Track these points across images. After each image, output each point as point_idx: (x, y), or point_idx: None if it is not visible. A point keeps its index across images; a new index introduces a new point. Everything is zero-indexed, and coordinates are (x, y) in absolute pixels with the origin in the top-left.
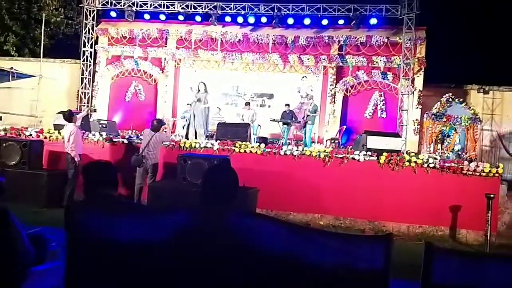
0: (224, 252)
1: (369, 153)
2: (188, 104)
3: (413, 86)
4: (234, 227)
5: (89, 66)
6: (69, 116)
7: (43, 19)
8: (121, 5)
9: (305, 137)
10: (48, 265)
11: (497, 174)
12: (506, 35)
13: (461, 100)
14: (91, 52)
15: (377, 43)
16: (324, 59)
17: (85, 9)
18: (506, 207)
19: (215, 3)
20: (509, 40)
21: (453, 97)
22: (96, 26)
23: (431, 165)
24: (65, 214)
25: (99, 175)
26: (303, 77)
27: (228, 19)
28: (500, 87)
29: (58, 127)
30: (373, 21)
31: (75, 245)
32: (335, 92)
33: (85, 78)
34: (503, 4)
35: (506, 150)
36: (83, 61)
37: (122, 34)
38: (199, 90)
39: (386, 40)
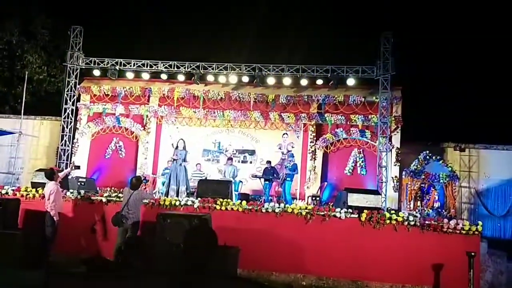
0: None
1: (350, 210)
2: (169, 161)
3: (391, 144)
4: None
5: (70, 123)
6: (50, 174)
7: (26, 76)
8: (104, 64)
9: (285, 194)
10: None
11: (477, 232)
12: (480, 95)
13: (438, 157)
14: (72, 110)
15: (354, 102)
16: (304, 117)
17: (68, 68)
18: (487, 265)
19: (198, 63)
20: (484, 100)
21: (430, 154)
22: (79, 84)
23: (412, 223)
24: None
25: None
26: (284, 134)
27: (210, 78)
28: (476, 145)
29: (36, 185)
30: (350, 81)
31: None
32: (315, 149)
33: (66, 135)
34: (476, 64)
35: (485, 207)
36: (64, 118)
37: (104, 92)
38: (177, 147)
39: (363, 99)
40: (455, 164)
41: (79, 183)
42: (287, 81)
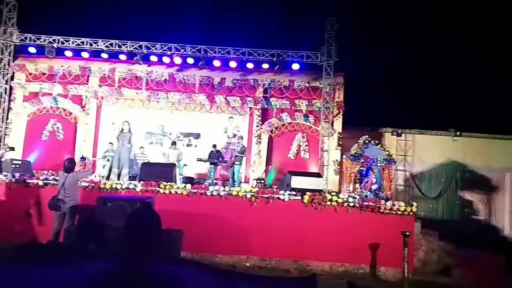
0: None
1: (293, 192)
2: (110, 143)
3: (333, 129)
4: (157, 274)
5: (3, 103)
6: None
7: None
8: (41, 41)
9: (233, 177)
10: None
11: (411, 213)
12: (416, 81)
13: (377, 142)
14: (6, 89)
15: (299, 87)
16: (250, 100)
17: (1, 44)
18: (420, 244)
19: (140, 43)
20: (419, 86)
21: (369, 139)
22: (13, 62)
23: (351, 204)
24: None
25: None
26: (229, 117)
27: (154, 58)
28: (412, 130)
29: None
30: (295, 66)
31: None
32: (260, 133)
33: None
34: (415, 52)
35: (419, 189)
36: None
37: (41, 71)
38: (122, 130)
39: (307, 84)
40: (392, 148)
41: (13, 166)
42: (233, 64)
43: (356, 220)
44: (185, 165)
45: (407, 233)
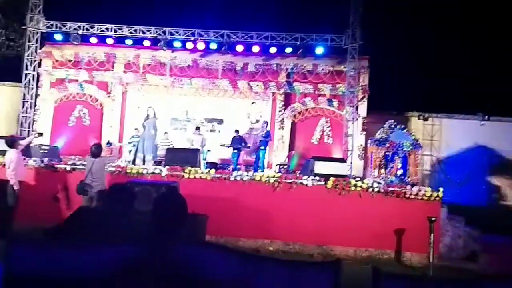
0: (173, 282)
1: (317, 178)
2: (135, 128)
3: (357, 113)
4: (183, 257)
5: (31, 90)
6: (11, 142)
7: None
8: (66, 28)
9: (258, 162)
10: None
11: (438, 198)
12: (444, 65)
13: (402, 126)
14: (33, 75)
15: (323, 71)
16: (273, 85)
17: (28, 31)
18: (446, 229)
19: (164, 29)
20: (448, 70)
21: (395, 123)
22: (40, 49)
23: (376, 190)
24: (5, 246)
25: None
26: (252, 103)
27: (177, 44)
28: (439, 114)
29: None
30: (319, 50)
31: (12, 281)
32: (283, 118)
33: (27, 101)
34: (442, 34)
35: (445, 174)
36: (25, 84)
37: (67, 57)
38: (148, 115)
39: (331, 68)
40: (418, 133)
41: (42, 151)
42: (256, 48)
43: (381, 206)
44: (208, 150)
45: (433, 219)
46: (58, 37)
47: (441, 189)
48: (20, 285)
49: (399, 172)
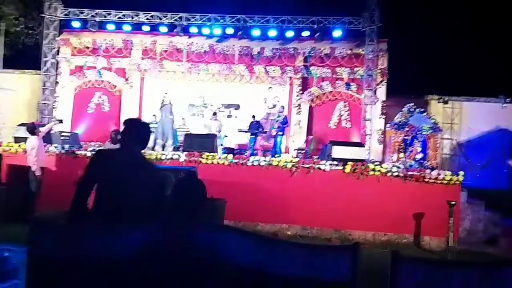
0: (192, 266)
1: (334, 162)
2: (153, 115)
3: (376, 97)
4: (201, 241)
5: (51, 77)
6: (32, 129)
7: (3, 29)
8: (84, 15)
9: (276, 147)
10: (7, 284)
11: (457, 182)
12: (465, 47)
13: (422, 110)
14: (52, 63)
15: (340, 54)
16: (290, 70)
17: (46, 19)
18: (466, 213)
19: (180, 14)
20: (468, 52)
21: (414, 107)
22: (58, 37)
23: (395, 174)
24: (28, 230)
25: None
26: (269, 88)
27: (193, 30)
28: (459, 97)
29: (19, 140)
30: (337, 33)
31: (36, 263)
32: (300, 103)
33: (46, 89)
34: (462, 16)
35: (466, 158)
36: (44, 72)
37: (85, 45)
38: (164, 101)
39: (349, 52)
40: (438, 116)
41: (62, 138)
42: (272, 33)
43: (400, 190)
44: (225, 136)
45: (453, 203)
46: (76, 24)
47: (461, 173)
48: (43, 268)
49: (419, 156)
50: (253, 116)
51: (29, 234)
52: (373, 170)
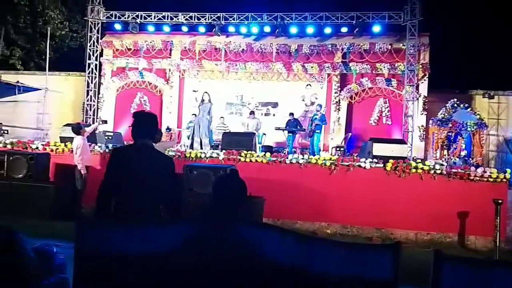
0: (231, 263)
1: (375, 160)
2: (193, 114)
3: (417, 92)
4: (240, 238)
5: (94, 79)
6: (77, 129)
7: (49, 32)
8: (125, 18)
9: (313, 145)
10: (54, 279)
11: (504, 179)
12: (510, 38)
13: (466, 105)
14: (96, 65)
15: (380, 50)
16: (328, 67)
17: (89, 22)
18: None
19: (219, 14)
20: None
21: (458, 102)
22: (101, 39)
23: (438, 171)
24: (75, 227)
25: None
26: (307, 85)
27: (231, 29)
28: (506, 92)
29: (64, 140)
30: (376, 28)
31: (83, 258)
32: (339, 100)
33: (91, 90)
34: (507, 8)
35: None
36: (88, 73)
37: (126, 46)
38: (203, 100)
39: (389, 47)
40: (483, 111)
41: (106, 137)
42: (310, 30)
43: (443, 188)
44: (264, 134)
45: (499, 201)
46: (117, 26)
47: (508, 170)
48: (90, 264)
49: (463, 153)
50: (291, 114)
51: (76, 231)
52: (415, 167)
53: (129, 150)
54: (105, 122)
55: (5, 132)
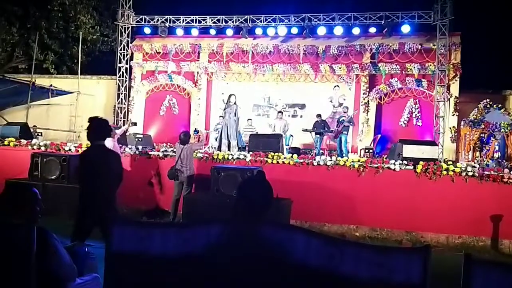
0: (258, 265)
1: (405, 162)
2: (220, 116)
3: (448, 93)
4: (268, 240)
5: (125, 82)
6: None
7: (80, 37)
8: (154, 22)
9: (340, 147)
10: (86, 278)
11: None
12: None
13: (499, 106)
14: (126, 68)
15: (410, 50)
16: (356, 67)
17: (120, 27)
18: None
19: (246, 16)
20: None
21: (491, 103)
22: (131, 43)
23: (470, 174)
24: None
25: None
26: (335, 86)
27: (258, 31)
28: None
29: None
30: (406, 28)
31: (114, 258)
32: (368, 101)
33: (121, 93)
34: None
35: None
36: (119, 77)
37: (156, 50)
38: (229, 102)
39: (419, 46)
40: None
41: (136, 139)
42: (338, 30)
43: (476, 190)
44: (291, 135)
45: None
46: (147, 30)
47: None
48: (120, 263)
49: (496, 154)
50: (319, 115)
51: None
52: (447, 169)
53: (89, 151)
54: (134, 124)
55: (39, 134)
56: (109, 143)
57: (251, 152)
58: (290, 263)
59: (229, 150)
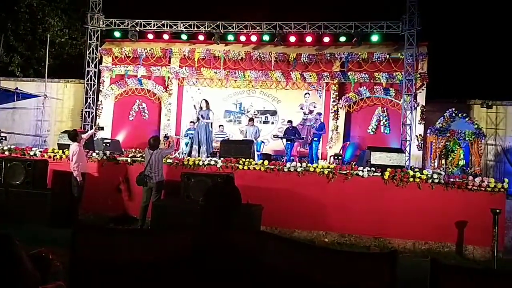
0: (228, 271)
1: (373, 169)
2: (191, 122)
3: (415, 102)
4: (237, 246)
5: (93, 86)
6: (73, 135)
7: (48, 39)
8: (124, 25)
9: (311, 154)
10: (50, 285)
11: (502, 189)
12: (510, 49)
13: (464, 115)
14: (95, 72)
15: (378, 59)
16: (326, 76)
17: (89, 30)
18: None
19: (218, 23)
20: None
21: (456, 112)
22: (100, 46)
23: (436, 181)
24: (72, 233)
25: None
26: (305, 93)
27: (230, 37)
28: (504, 102)
29: (62, 147)
30: (375, 38)
31: (79, 265)
32: (337, 108)
33: (89, 97)
34: (505, 17)
35: (511, 164)
36: (87, 80)
37: (126, 54)
38: (201, 108)
39: (387, 56)
40: (482, 121)
41: (104, 144)
42: (309, 39)
43: (441, 197)
44: (262, 142)
45: (498, 211)
46: (117, 34)
47: (506, 180)
48: (86, 270)
49: (461, 162)
50: (290, 122)
51: (72, 238)
52: (413, 176)
53: None
54: (101, 128)
55: (4, 138)
56: (74, 147)
57: (222, 158)
58: (260, 269)
59: (198, 155)
